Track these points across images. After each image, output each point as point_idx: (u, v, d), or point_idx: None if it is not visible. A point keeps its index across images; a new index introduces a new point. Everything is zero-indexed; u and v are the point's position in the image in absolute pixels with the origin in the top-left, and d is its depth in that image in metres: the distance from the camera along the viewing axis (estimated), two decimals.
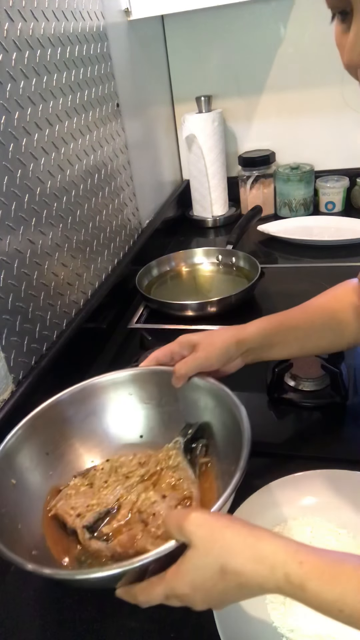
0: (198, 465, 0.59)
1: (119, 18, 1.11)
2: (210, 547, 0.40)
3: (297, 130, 1.45)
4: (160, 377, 0.63)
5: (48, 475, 0.59)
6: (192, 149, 1.40)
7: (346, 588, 0.35)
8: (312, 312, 0.66)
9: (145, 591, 0.43)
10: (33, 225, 0.77)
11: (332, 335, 0.65)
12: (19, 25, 0.72)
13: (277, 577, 0.37)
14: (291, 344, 0.65)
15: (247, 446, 0.50)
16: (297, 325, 0.65)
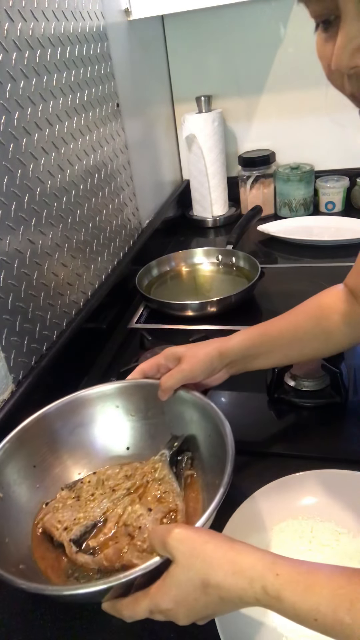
0: (183, 477, 0.59)
1: (119, 18, 1.11)
2: (192, 562, 0.41)
3: (297, 130, 1.45)
4: (147, 390, 0.64)
5: (35, 488, 0.59)
6: (192, 149, 1.40)
7: (320, 597, 0.37)
8: (296, 321, 0.66)
9: (129, 606, 0.44)
10: (33, 225, 0.77)
11: (317, 343, 0.65)
12: (19, 25, 0.72)
13: (256, 589, 0.39)
14: (275, 353, 0.65)
15: (230, 462, 0.50)
16: (280, 335, 0.65)
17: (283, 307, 1.02)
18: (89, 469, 0.63)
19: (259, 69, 1.40)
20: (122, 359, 0.92)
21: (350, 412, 0.73)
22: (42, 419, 0.61)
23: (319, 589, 0.37)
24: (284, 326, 0.66)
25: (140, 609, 0.43)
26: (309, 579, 0.38)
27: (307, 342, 0.65)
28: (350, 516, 0.57)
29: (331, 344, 0.66)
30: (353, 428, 0.71)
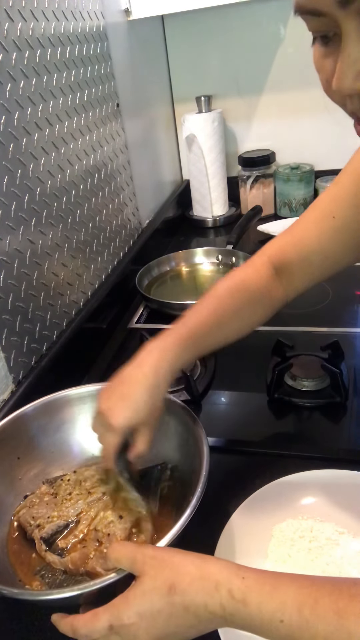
0: (160, 488, 0.60)
1: (119, 18, 1.11)
2: (160, 571, 0.41)
3: (297, 130, 1.45)
4: None
5: (17, 480, 0.60)
6: (192, 149, 1.40)
7: (286, 595, 0.37)
8: (220, 308, 0.62)
9: (88, 623, 0.42)
10: (33, 225, 0.77)
11: (241, 322, 0.64)
12: (19, 25, 0.72)
13: (222, 593, 0.39)
14: (205, 348, 0.62)
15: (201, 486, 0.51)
16: (209, 331, 0.61)
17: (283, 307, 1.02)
18: (71, 467, 0.65)
19: (259, 69, 1.40)
20: (122, 359, 0.91)
21: (350, 412, 0.73)
22: (27, 414, 0.63)
23: (285, 588, 0.38)
24: (209, 319, 0.61)
25: (100, 624, 0.41)
26: (275, 581, 0.39)
27: (232, 326, 0.63)
28: (350, 516, 0.57)
29: (254, 320, 0.66)
30: (353, 428, 0.71)
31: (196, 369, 0.84)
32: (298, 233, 0.65)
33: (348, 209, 0.60)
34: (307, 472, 0.62)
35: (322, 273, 0.65)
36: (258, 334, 0.96)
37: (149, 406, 0.53)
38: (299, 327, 0.93)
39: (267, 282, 0.65)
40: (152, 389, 0.53)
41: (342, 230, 0.61)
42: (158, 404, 0.54)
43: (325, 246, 0.62)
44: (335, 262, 0.64)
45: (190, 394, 0.77)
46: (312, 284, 0.67)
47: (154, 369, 0.54)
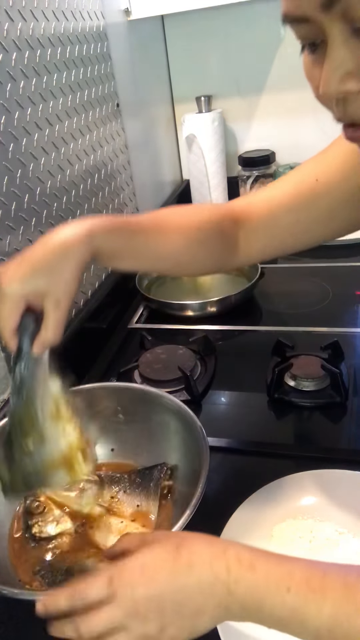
0: (160, 488, 0.60)
1: (119, 18, 1.11)
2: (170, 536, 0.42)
3: (297, 130, 1.45)
4: (135, 393, 0.66)
5: None
6: (192, 149, 1.40)
7: (294, 567, 0.37)
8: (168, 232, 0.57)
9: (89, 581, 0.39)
10: (33, 225, 0.77)
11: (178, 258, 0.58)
12: (19, 25, 0.72)
13: (228, 555, 0.38)
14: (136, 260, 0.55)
15: (202, 486, 0.51)
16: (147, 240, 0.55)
17: (283, 307, 1.02)
18: None
19: (259, 69, 1.39)
20: (122, 359, 0.92)
21: (350, 412, 0.73)
22: None
23: (294, 561, 0.38)
24: (153, 231, 0.55)
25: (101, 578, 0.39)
26: (283, 557, 0.39)
27: (169, 257, 0.58)
28: (350, 516, 0.57)
29: (193, 266, 0.61)
30: (353, 428, 0.71)
31: (196, 368, 0.84)
32: (272, 190, 0.60)
33: (334, 176, 0.56)
34: (307, 472, 0.62)
35: (286, 239, 0.60)
36: (258, 334, 0.96)
37: (52, 270, 0.45)
38: (299, 327, 0.93)
39: (223, 230, 0.59)
40: (61, 253, 0.46)
41: (322, 195, 0.56)
42: (66, 274, 0.46)
43: (299, 208, 0.58)
44: (305, 229, 0.59)
45: (190, 394, 0.77)
46: (271, 250, 0.62)
47: (69, 234, 0.47)
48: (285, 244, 0.61)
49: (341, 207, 0.57)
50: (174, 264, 0.59)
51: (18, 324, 0.46)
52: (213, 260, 0.61)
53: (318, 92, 0.36)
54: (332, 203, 0.57)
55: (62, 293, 0.46)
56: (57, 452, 0.50)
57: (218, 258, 0.61)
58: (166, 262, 0.58)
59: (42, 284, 0.45)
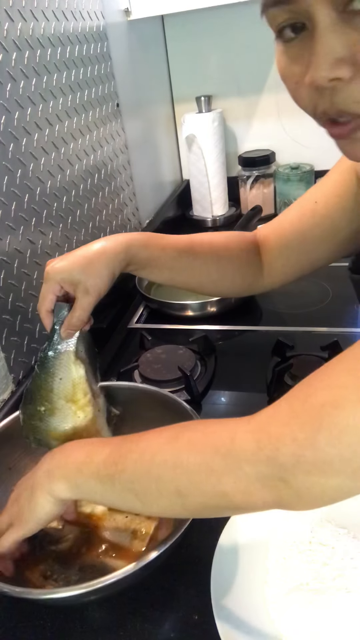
0: None
1: (119, 18, 1.11)
2: None
3: (297, 130, 1.45)
4: (136, 393, 0.66)
5: (10, 491, 0.60)
6: (192, 149, 1.40)
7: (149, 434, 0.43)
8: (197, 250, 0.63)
9: None
10: (33, 225, 0.77)
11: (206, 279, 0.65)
12: (19, 25, 0.72)
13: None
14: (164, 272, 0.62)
15: None
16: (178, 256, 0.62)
17: (283, 307, 1.02)
18: None
19: (259, 69, 1.39)
20: (122, 359, 0.92)
21: None
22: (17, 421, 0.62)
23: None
24: (184, 250, 0.62)
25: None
26: None
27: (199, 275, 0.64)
28: (350, 516, 0.57)
29: (221, 285, 0.67)
30: None
31: (196, 368, 0.84)
32: (283, 215, 0.67)
33: (330, 197, 0.61)
34: None
35: (300, 259, 0.66)
36: (258, 334, 0.96)
37: (88, 266, 0.53)
38: (299, 327, 0.93)
39: (249, 253, 0.66)
40: (99, 254, 0.54)
41: (322, 215, 0.62)
42: (100, 271, 0.54)
43: (303, 229, 0.63)
44: (313, 248, 0.64)
45: (190, 394, 0.77)
46: (290, 271, 0.68)
47: (110, 242, 0.56)
48: (300, 263, 0.66)
49: (342, 224, 0.62)
50: (205, 280, 0.65)
51: (52, 305, 0.55)
52: (241, 280, 0.67)
53: (298, 87, 0.36)
54: (333, 221, 0.62)
55: (92, 284, 0.54)
56: (61, 430, 0.56)
57: (245, 278, 0.67)
58: (197, 277, 0.64)
59: (77, 275, 0.53)
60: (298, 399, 0.36)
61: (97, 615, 0.52)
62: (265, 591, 0.51)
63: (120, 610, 0.52)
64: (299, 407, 0.35)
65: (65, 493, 0.45)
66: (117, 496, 0.43)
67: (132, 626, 0.51)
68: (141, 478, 0.40)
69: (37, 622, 0.53)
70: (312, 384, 0.37)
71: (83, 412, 0.56)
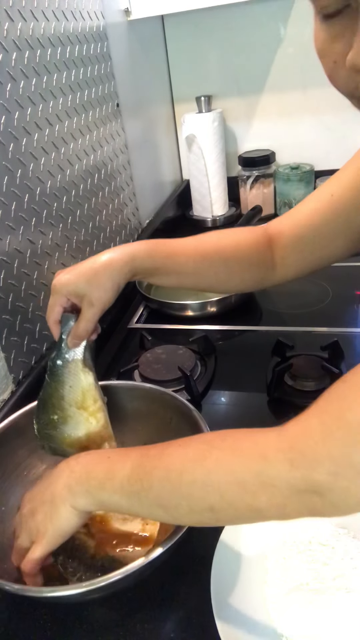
0: None
1: (119, 18, 1.11)
2: None
3: (297, 130, 1.45)
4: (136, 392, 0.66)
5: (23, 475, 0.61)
6: (192, 149, 1.40)
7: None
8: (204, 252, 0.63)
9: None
10: (33, 225, 0.77)
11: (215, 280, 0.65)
12: (19, 25, 0.72)
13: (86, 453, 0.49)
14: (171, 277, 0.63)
15: None
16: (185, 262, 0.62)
17: (283, 307, 1.02)
18: None
19: (259, 69, 1.39)
20: (122, 359, 0.92)
21: None
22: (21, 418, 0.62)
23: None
24: (191, 254, 0.63)
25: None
26: None
27: (207, 277, 0.64)
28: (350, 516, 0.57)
29: (229, 284, 0.67)
30: None
31: (196, 368, 0.84)
32: (297, 209, 0.66)
33: (347, 190, 0.60)
34: None
35: (313, 253, 0.65)
36: (258, 334, 0.96)
37: (94, 278, 0.55)
38: (299, 327, 0.93)
39: (259, 250, 0.65)
40: (104, 267, 0.56)
41: (338, 209, 0.61)
42: (105, 283, 0.55)
43: (318, 222, 0.63)
44: (328, 243, 0.64)
45: (190, 393, 0.77)
46: (303, 265, 0.67)
47: (115, 254, 0.57)
48: (314, 256, 0.65)
49: (358, 218, 0.61)
50: (214, 280, 0.65)
51: (60, 316, 0.57)
52: (251, 277, 0.67)
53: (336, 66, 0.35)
54: (348, 216, 0.61)
55: (97, 297, 0.55)
56: (75, 437, 0.58)
57: (255, 275, 0.67)
58: (205, 279, 0.65)
59: (82, 288, 0.55)
60: (331, 415, 0.35)
61: (97, 615, 0.52)
62: (265, 591, 0.51)
63: (120, 610, 0.52)
64: (332, 424, 0.34)
65: (89, 507, 0.45)
66: (145, 510, 0.43)
67: (132, 626, 0.51)
68: (170, 496, 0.40)
69: (37, 622, 0.53)
70: (345, 397, 0.35)
71: (95, 419, 0.58)
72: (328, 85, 0.38)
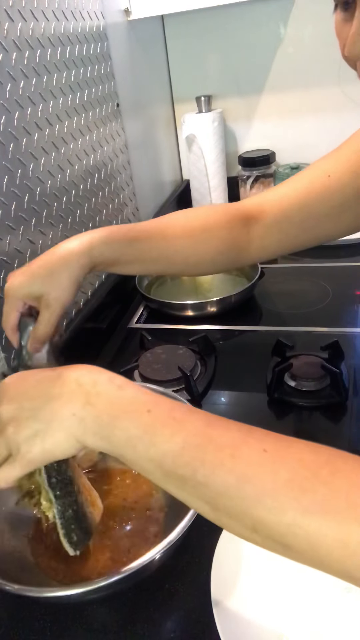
0: None
1: (119, 18, 1.11)
2: None
3: (297, 130, 1.45)
4: None
5: None
6: (192, 149, 1.40)
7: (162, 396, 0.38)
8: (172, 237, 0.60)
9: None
10: (33, 225, 0.77)
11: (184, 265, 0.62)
12: (19, 25, 0.72)
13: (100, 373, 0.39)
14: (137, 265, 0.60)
15: None
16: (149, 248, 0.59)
17: (283, 307, 1.03)
18: None
19: (259, 69, 1.39)
20: (122, 359, 0.92)
21: (350, 412, 0.73)
22: None
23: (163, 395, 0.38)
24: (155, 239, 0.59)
25: None
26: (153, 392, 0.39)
27: (174, 260, 0.61)
28: None
29: (200, 266, 0.63)
30: (353, 428, 0.71)
31: (196, 368, 0.84)
32: (284, 188, 0.62)
33: (345, 173, 0.58)
34: None
35: (298, 236, 0.62)
36: (258, 334, 0.96)
37: (49, 276, 0.51)
38: (299, 327, 0.93)
39: (232, 229, 0.61)
40: (60, 262, 0.52)
41: (334, 190, 0.58)
42: (62, 280, 0.51)
43: (312, 203, 0.59)
44: (316, 225, 0.60)
45: (190, 393, 0.77)
46: (282, 246, 0.64)
47: (70, 246, 0.53)
48: (298, 238, 0.62)
49: (352, 202, 0.58)
50: (183, 266, 0.62)
51: (17, 322, 0.53)
52: (223, 259, 0.63)
53: (344, 49, 0.39)
54: (343, 198, 0.58)
55: (54, 297, 0.51)
56: None
57: (228, 256, 0.63)
58: (173, 264, 0.61)
59: (37, 289, 0.51)
60: None
61: (97, 615, 0.52)
62: (265, 591, 0.51)
63: (120, 610, 0.52)
64: None
65: (99, 448, 0.37)
66: (181, 494, 0.35)
67: (132, 626, 0.51)
68: (232, 506, 0.32)
69: (38, 622, 0.53)
70: None
71: None
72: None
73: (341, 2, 0.38)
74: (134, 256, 0.58)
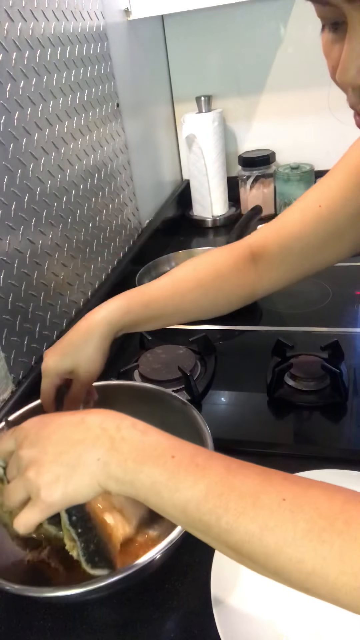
0: None
1: (119, 18, 1.11)
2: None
3: (297, 130, 1.45)
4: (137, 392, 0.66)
5: None
6: (192, 149, 1.40)
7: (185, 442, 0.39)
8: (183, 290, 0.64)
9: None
10: (33, 225, 0.77)
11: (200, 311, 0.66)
12: (19, 25, 0.72)
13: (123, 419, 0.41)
14: (156, 322, 0.65)
15: None
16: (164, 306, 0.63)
17: (283, 307, 1.02)
18: None
19: (259, 69, 1.39)
20: (122, 359, 0.92)
21: (350, 412, 0.73)
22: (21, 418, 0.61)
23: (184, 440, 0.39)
24: (169, 296, 0.63)
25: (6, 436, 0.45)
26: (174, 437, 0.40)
27: (191, 311, 0.65)
28: None
29: (216, 311, 0.67)
30: (353, 428, 0.71)
31: (196, 368, 0.84)
32: (281, 220, 0.64)
33: (336, 200, 0.59)
34: (307, 472, 0.62)
35: (302, 264, 0.64)
36: (258, 334, 0.96)
37: (77, 351, 0.57)
38: (299, 327, 0.93)
39: (241, 270, 0.64)
40: (84, 338, 0.58)
41: (326, 219, 0.60)
42: (89, 352, 0.58)
43: (306, 233, 0.61)
44: (316, 252, 0.62)
45: (190, 393, 0.77)
46: (291, 275, 0.66)
47: (92, 321, 0.58)
48: (303, 267, 0.65)
49: (347, 227, 0.60)
50: (199, 314, 0.66)
51: (55, 395, 0.59)
52: (237, 298, 0.67)
53: (334, 71, 0.36)
54: (337, 225, 0.60)
55: (84, 369, 0.58)
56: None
57: (241, 296, 0.67)
58: (190, 314, 0.66)
59: (69, 363, 0.58)
60: None
61: (97, 615, 0.52)
62: (265, 591, 0.51)
63: (120, 610, 0.52)
64: None
65: (122, 493, 0.38)
66: (206, 538, 0.36)
67: (132, 626, 0.51)
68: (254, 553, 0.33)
69: (38, 622, 0.53)
70: None
71: None
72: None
73: (329, 23, 0.35)
74: (152, 316, 0.62)
